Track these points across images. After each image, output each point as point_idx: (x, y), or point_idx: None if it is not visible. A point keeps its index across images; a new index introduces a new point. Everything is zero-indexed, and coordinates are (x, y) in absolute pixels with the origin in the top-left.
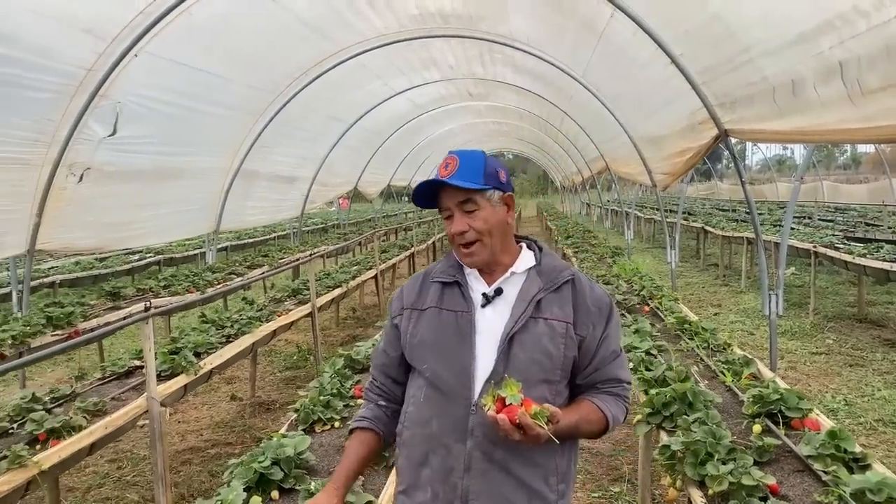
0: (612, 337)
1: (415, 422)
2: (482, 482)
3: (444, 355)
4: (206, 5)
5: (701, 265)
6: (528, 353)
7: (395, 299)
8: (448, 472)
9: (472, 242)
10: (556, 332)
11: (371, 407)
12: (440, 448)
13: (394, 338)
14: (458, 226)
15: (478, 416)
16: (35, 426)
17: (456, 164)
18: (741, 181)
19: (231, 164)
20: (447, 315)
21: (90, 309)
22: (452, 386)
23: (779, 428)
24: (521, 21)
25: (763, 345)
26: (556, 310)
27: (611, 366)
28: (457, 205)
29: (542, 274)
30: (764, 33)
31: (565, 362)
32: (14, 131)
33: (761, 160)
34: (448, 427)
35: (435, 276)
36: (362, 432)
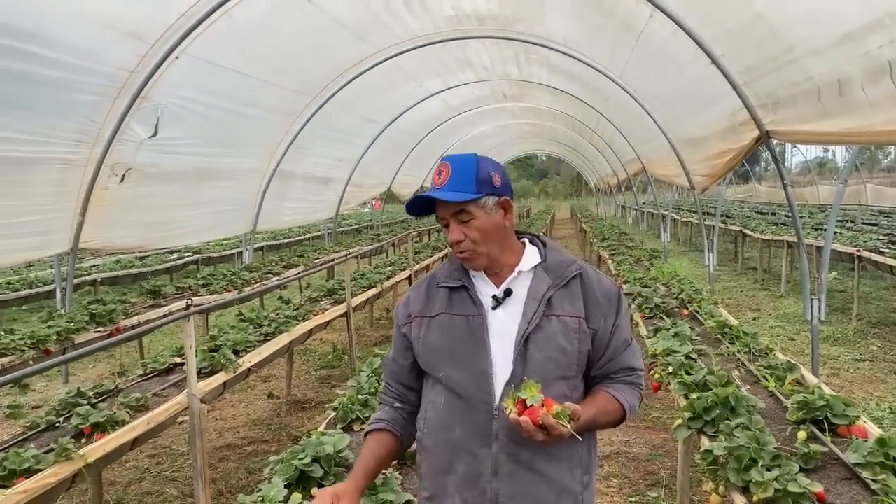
0: (622, 327)
1: (436, 428)
2: (510, 484)
3: (461, 361)
4: (247, 8)
5: (739, 269)
6: (545, 353)
7: (402, 307)
8: (476, 477)
9: (469, 250)
10: (570, 329)
11: (386, 409)
12: (465, 454)
13: (403, 346)
14: (455, 235)
15: (500, 420)
16: (80, 420)
17: (448, 173)
18: (783, 183)
19: (268, 165)
20: (458, 320)
21: (131, 307)
22: (472, 391)
23: (824, 435)
24: (558, 22)
25: (804, 350)
26: (567, 306)
27: (623, 355)
28: (451, 215)
29: (549, 270)
30: (809, 32)
31: (580, 357)
32: (59, 132)
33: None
34: (471, 433)
35: (441, 281)
36: (379, 433)
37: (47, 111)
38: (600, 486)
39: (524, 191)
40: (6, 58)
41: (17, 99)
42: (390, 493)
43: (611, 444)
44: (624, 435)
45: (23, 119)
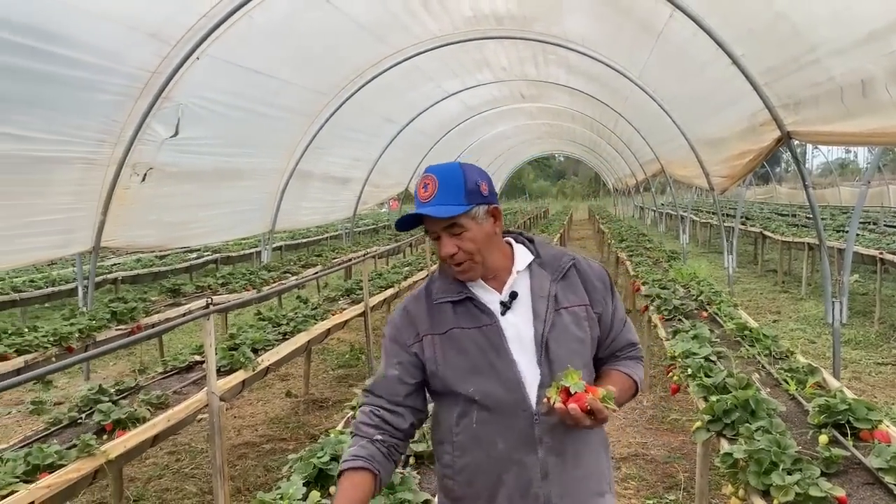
0: (619, 305)
1: (473, 447)
2: (560, 484)
3: (488, 373)
4: (267, 9)
5: (759, 271)
6: (565, 347)
7: (404, 326)
8: (527, 484)
9: (465, 261)
10: (580, 318)
11: (363, 444)
12: (512, 464)
13: (411, 365)
14: (448, 249)
15: (542, 424)
16: (102, 417)
17: (435, 186)
18: (804, 184)
19: (287, 165)
20: (472, 332)
21: (151, 305)
22: (507, 401)
23: (846, 439)
24: (577, 22)
25: (825, 354)
26: (571, 296)
27: (623, 332)
28: (443, 229)
29: (545, 266)
30: (832, 32)
31: (593, 342)
32: (82, 132)
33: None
34: (515, 442)
35: (439, 296)
36: (355, 473)
37: (70, 111)
38: (618, 488)
39: (541, 191)
40: (31, 59)
41: (41, 99)
42: (408, 492)
43: (628, 446)
44: (642, 437)
45: (46, 119)
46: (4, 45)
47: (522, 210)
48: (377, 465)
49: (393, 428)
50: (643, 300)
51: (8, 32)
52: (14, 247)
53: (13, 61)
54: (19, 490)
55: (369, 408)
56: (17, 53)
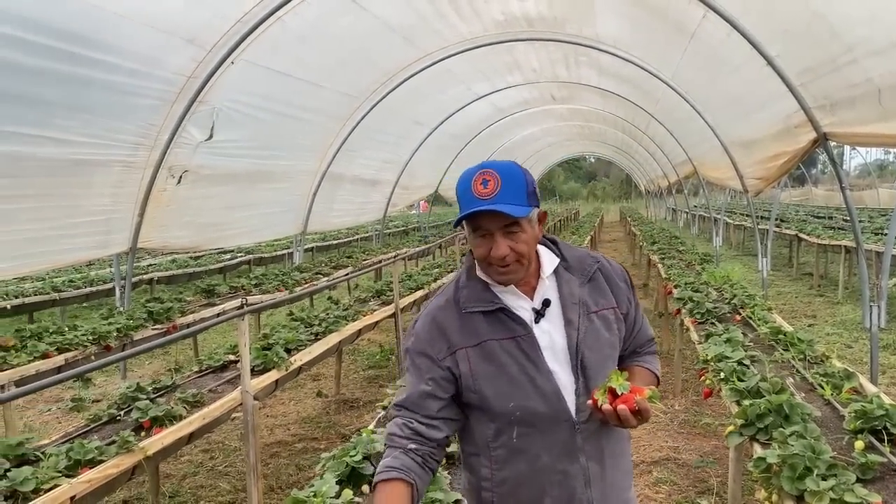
0: (638, 303)
1: (513, 461)
2: (601, 488)
3: (527, 388)
4: (299, 14)
5: (794, 274)
6: (598, 352)
7: (433, 338)
8: (571, 492)
9: (514, 263)
10: (610, 321)
11: (396, 455)
12: (556, 475)
13: (443, 380)
14: (502, 250)
15: (583, 432)
16: (140, 414)
17: (497, 184)
18: (841, 186)
19: (318, 167)
20: (507, 344)
21: (187, 305)
22: (548, 414)
23: (884, 445)
24: (609, 23)
25: (862, 359)
26: (600, 300)
27: (643, 328)
28: (500, 228)
29: (572, 269)
30: (870, 32)
31: (621, 343)
32: (120, 135)
33: (860, 165)
34: (558, 453)
35: (469, 305)
36: (390, 484)
37: (109, 115)
38: (649, 492)
39: (572, 193)
40: (73, 64)
41: (82, 103)
42: (440, 492)
43: (660, 450)
44: (673, 441)
45: (86, 123)
46: (46, 50)
47: (553, 212)
48: (413, 475)
49: (427, 439)
50: (676, 303)
51: (50, 38)
52: (56, 247)
53: (55, 67)
54: (62, 484)
55: (402, 420)
56: (58, 59)
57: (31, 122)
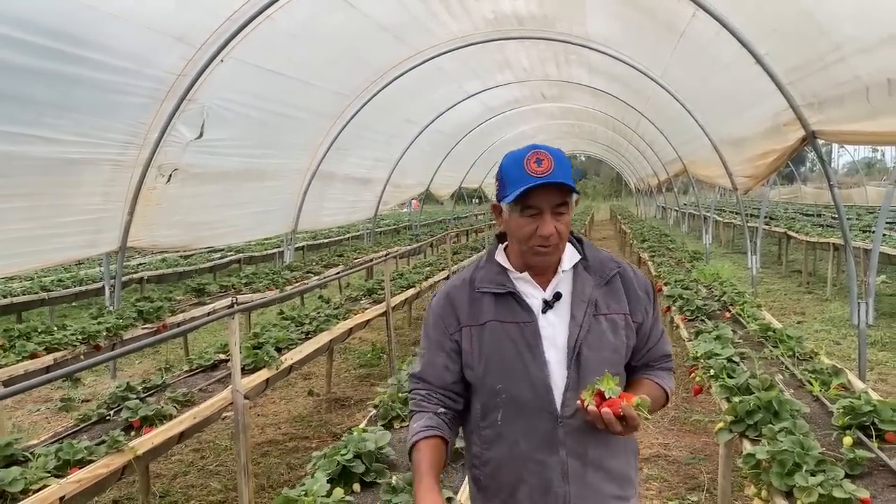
0: (658, 317)
1: (497, 443)
2: (581, 486)
3: (519, 373)
4: (289, 12)
5: (783, 272)
6: (598, 353)
7: (446, 313)
8: (547, 484)
9: (555, 244)
10: (618, 325)
11: (430, 416)
12: (534, 464)
13: (452, 352)
14: (549, 228)
15: (566, 426)
16: (130, 414)
17: (551, 163)
18: (829, 184)
19: (309, 165)
20: (510, 328)
21: (177, 304)
22: (533, 402)
23: (871, 441)
24: (599, 22)
25: (850, 355)
26: (612, 304)
27: (659, 344)
28: (553, 206)
29: (590, 269)
30: (858, 30)
31: (628, 351)
32: (109, 134)
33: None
34: (538, 443)
35: (482, 286)
36: (432, 440)
37: (98, 114)
38: (640, 490)
39: None
40: (61, 62)
41: (70, 102)
42: None
43: (650, 447)
44: (664, 438)
45: (75, 121)
46: (35, 49)
47: None
48: (446, 433)
49: (453, 405)
50: (666, 300)
51: (38, 37)
52: (45, 246)
53: (45, 65)
54: (51, 484)
55: (424, 390)
56: (48, 58)
57: (21, 121)
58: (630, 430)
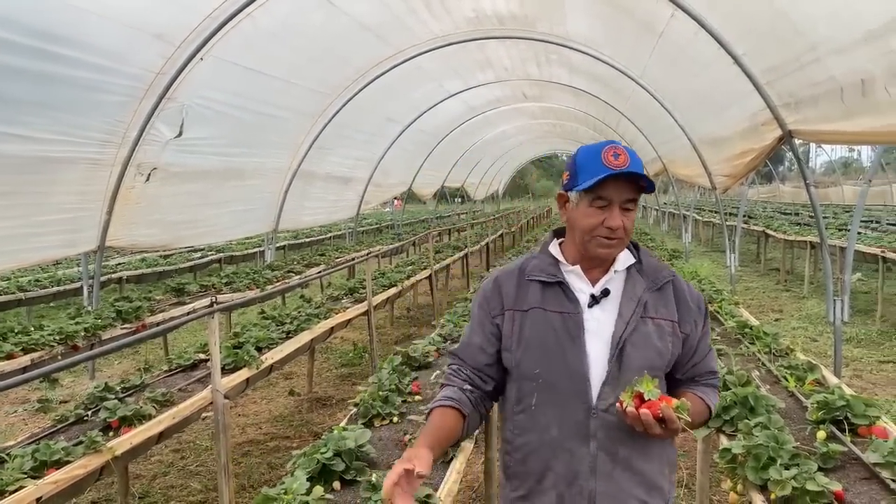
0: (708, 333)
1: (529, 429)
2: (608, 482)
3: (557, 359)
4: (269, 10)
5: (761, 270)
6: (641, 353)
7: (492, 296)
8: (574, 475)
9: (620, 238)
10: (665, 331)
11: (454, 390)
12: (563, 453)
13: (492, 335)
14: (616, 221)
15: (599, 419)
16: (108, 414)
17: (627, 158)
18: (805, 183)
19: (290, 164)
20: (554, 317)
21: (156, 304)
22: (568, 390)
23: (844, 435)
24: (579, 22)
25: (827, 352)
26: (661, 309)
27: (707, 359)
28: (623, 200)
29: (643, 273)
30: (832, 31)
31: (671, 359)
32: (87, 132)
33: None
34: (569, 432)
35: (533, 274)
36: (445, 409)
37: (76, 112)
38: None
39: (545, 191)
40: (38, 60)
41: (47, 100)
42: None
43: None
44: None
45: (52, 119)
46: (12, 46)
47: (526, 209)
48: (466, 407)
49: (482, 386)
50: None
51: (15, 34)
52: (21, 246)
53: (21, 63)
54: (27, 486)
55: (457, 366)
56: (24, 55)
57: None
58: (669, 432)
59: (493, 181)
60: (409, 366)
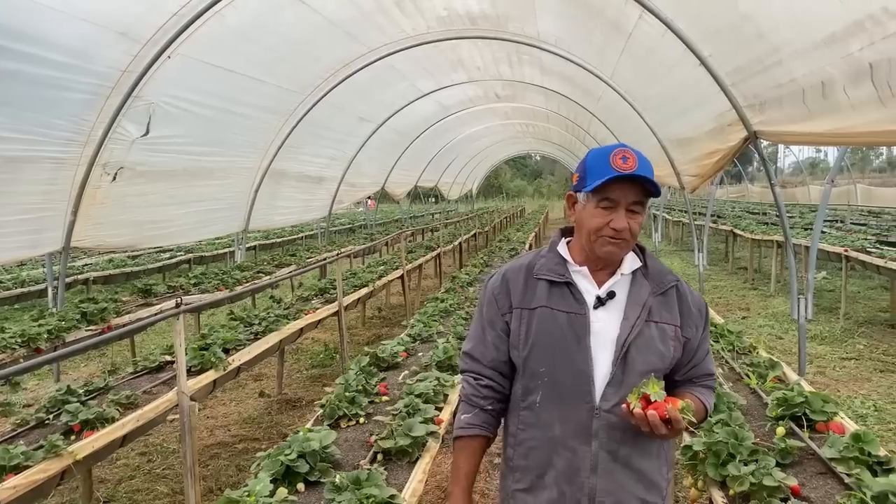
0: (707, 337)
1: (534, 425)
2: (608, 480)
3: (561, 358)
4: (238, 8)
5: (730, 269)
6: (644, 356)
7: (500, 294)
8: (575, 472)
9: (625, 240)
10: (667, 335)
11: (477, 413)
12: (565, 450)
13: (502, 332)
14: (622, 223)
15: (601, 418)
16: (70, 417)
17: (635, 161)
18: (770, 183)
19: (260, 164)
20: (560, 316)
21: (122, 305)
22: (571, 389)
23: (803, 431)
24: (549, 22)
25: (792, 349)
26: (665, 314)
27: (705, 362)
28: (630, 202)
29: (648, 277)
30: (793, 34)
31: (672, 361)
32: (51, 131)
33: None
34: (571, 430)
35: (541, 273)
36: (473, 440)
37: (39, 110)
38: None
39: (519, 190)
40: None
41: (9, 98)
42: (374, 487)
43: None
44: None
45: (14, 118)
46: None
47: (499, 209)
48: (492, 430)
49: (502, 392)
50: None
51: None
52: None
53: None
54: None
55: (472, 377)
56: None
57: None
58: (674, 433)
59: (467, 181)
60: (378, 366)
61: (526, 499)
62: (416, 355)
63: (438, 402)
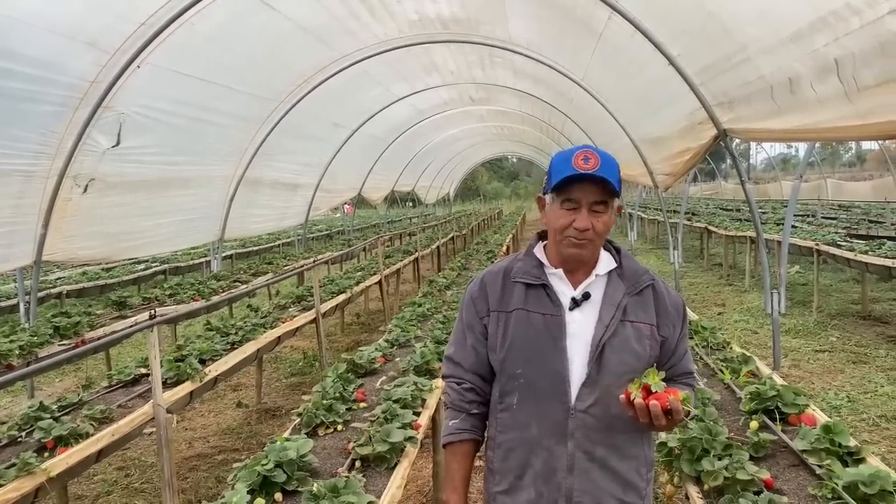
0: (686, 336)
1: (511, 426)
2: (585, 480)
3: (538, 360)
4: (207, 16)
5: (705, 265)
6: (619, 356)
7: (478, 298)
8: (551, 472)
9: (590, 240)
10: (643, 335)
11: (464, 417)
12: (541, 451)
13: (480, 334)
14: (584, 223)
15: (577, 419)
16: (43, 434)
17: (597, 161)
18: (741, 180)
19: (234, 172)
20: (536, 318)
21: (96, 319)
22: (548, 390)
23: (776, 424)
24: (520, 25)
25: (767, 343)
26: (640, 313)
27: (684, 360)
28: (591, 202)
29: (624, 277)
30: (759, 31)
31: (650, 361)
32: (18, 144)
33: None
34: (548, 430)
35: (517, 276)
36: (464, 445)
37: (6, 123)
38: None
39: (496, 192)
40: None
41: None
42: (352, 495)
43: None
44: None
45: None
46: None
47: (476, 212)
48: (478, 432)
49: (484, 395)
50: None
51: None
52: None
53: None
54: None
55: (455, 382)
56: None
57: None
58: (672, 425)
59: (444, 184)
60: (356, 373)
61: (505, 501)
62: (393, 360)
63: (416, 407)
